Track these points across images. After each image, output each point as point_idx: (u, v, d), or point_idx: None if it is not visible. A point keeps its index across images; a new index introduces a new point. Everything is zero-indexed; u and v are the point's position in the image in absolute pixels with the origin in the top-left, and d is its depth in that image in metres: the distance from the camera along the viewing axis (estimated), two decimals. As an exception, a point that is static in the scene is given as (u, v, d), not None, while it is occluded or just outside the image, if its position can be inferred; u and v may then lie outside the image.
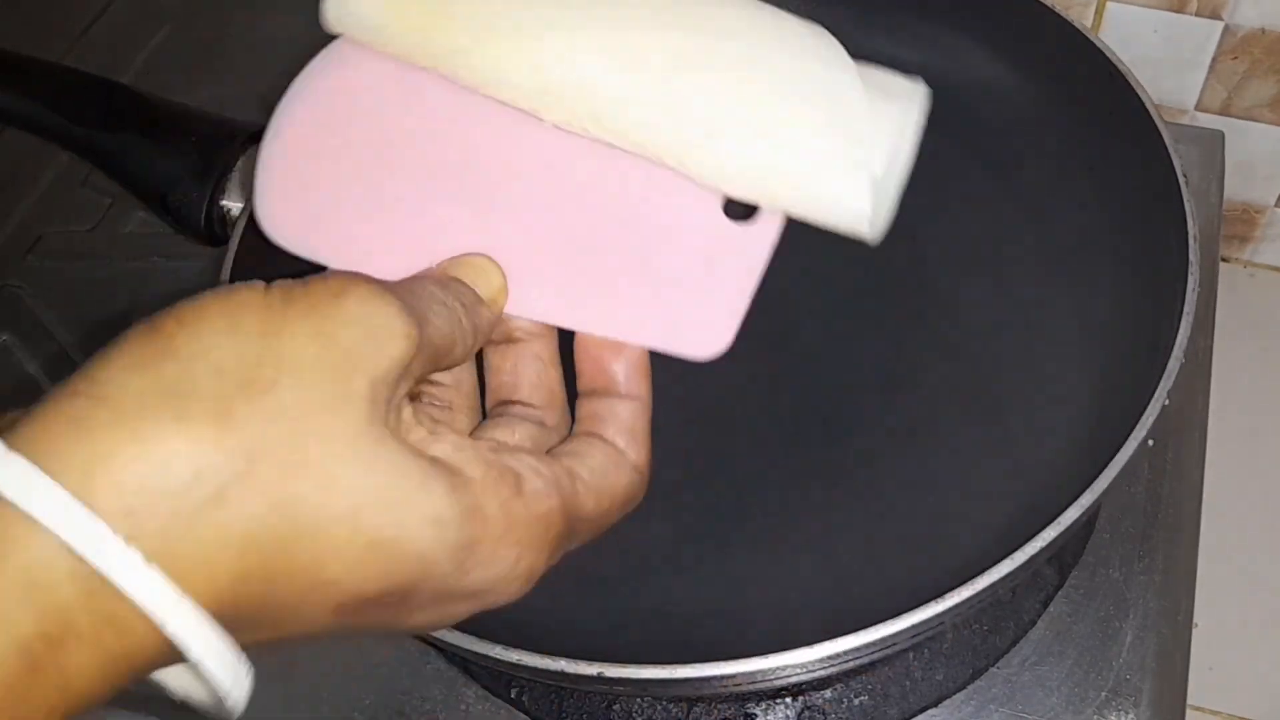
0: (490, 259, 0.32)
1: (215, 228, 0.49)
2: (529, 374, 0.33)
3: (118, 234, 0.64)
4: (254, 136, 0.50)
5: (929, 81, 0.33)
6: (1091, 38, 0.47)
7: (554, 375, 0.33)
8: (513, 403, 0.33)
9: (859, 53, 0.32)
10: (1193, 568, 0.49)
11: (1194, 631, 0.48)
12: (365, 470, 0.25)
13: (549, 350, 0.33)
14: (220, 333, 0.25)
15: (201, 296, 0.26)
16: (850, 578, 0.42)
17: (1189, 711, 0.47)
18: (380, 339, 0.27)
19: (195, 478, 0.23)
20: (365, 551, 0.25)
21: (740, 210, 0.33)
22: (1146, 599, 0.47)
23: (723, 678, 0.34)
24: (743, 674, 0.34)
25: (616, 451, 0.32)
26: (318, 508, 0.25)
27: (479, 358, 0.33)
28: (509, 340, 0.33)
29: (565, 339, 0.33)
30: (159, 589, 0.23)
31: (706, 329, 0.32)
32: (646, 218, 0.33)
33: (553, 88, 0.33)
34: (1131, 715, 0.45)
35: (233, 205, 0.49)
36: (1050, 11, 0.48)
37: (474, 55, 0.33)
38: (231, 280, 0.43)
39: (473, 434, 0.32)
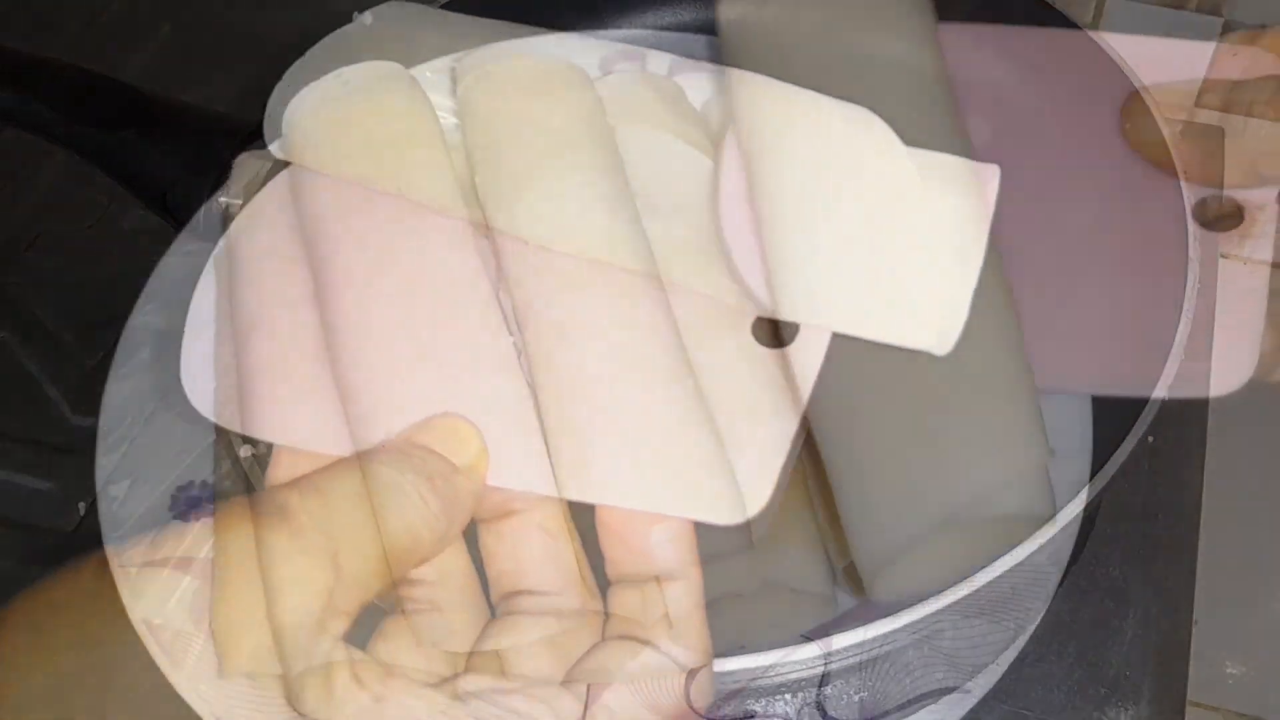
0: (463, 418, 0.26)
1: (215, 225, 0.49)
2: (533, 552, 0.26)
3: (117, 232, 0.64)
4: (254, 134, 0.50)
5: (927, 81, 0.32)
6: (1091, 35, 0.47)
7: (565, 548, 0.26)
8: (519, 593, 0.26)
9: (860, 51, 0.32)
10: (1192, 567, 0.49)
11: (1194, 630, 0.48)
12: None
13: (555, 517, 0.27)
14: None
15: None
16: (850, 575, 0.42)
17: (1188, 708, 0.46)
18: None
19: None
20: None
21: (770, 332, 0.27)
22: (1146, 597, 0.47)
23: (722, 676, 0.34)
24: (742, 671, 0.33)
25: (659, 654, 0.25)
26: None
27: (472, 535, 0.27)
28: (504, 514, 0.27)
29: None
30: None
31: (739, 489, 0.25)
32: (661, 348, 0.26)
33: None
34: (1132, 712, 0.45)
35: (232, 203, 0.48)
36: (1050, 9, 0.48)
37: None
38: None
39: (474, 650, 0.26)
